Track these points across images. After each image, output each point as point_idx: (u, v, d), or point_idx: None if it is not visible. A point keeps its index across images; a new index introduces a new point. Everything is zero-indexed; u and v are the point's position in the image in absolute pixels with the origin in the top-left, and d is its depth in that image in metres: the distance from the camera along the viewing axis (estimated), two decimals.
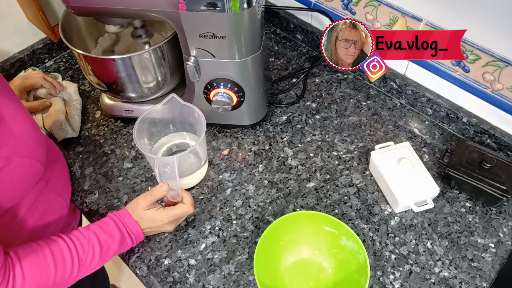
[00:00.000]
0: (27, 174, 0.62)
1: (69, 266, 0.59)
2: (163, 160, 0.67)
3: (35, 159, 0.63)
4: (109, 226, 0.65)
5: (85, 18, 0.88)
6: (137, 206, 0.68)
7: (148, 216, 0.68)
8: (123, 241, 0.66)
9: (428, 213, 0.79)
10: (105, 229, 0.64)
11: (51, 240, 0.59)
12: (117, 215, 0.67)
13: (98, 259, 0.62)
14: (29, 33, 1.05)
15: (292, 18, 1.09)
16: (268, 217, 0.79)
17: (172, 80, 0.88)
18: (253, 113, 0.89)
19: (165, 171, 0.67)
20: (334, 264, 0.72)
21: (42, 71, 0.95)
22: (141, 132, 0.76)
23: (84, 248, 0.61)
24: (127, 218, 0.67)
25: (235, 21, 0.69)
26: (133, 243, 0.68)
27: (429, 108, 0.93)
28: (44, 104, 0.90)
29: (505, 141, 0.83)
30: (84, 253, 0.61)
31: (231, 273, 0.72)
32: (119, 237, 0.65)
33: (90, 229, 0.64)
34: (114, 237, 0.64)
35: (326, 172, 0.85)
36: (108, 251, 0.64)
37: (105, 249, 0.63)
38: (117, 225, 0.66)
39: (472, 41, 0.78)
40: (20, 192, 0.63)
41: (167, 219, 0.68)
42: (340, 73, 1.04)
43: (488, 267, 0.72)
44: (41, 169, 0.65)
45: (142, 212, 0.68)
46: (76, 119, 0.92)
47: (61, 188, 0.76)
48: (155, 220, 0.68)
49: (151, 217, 0.68)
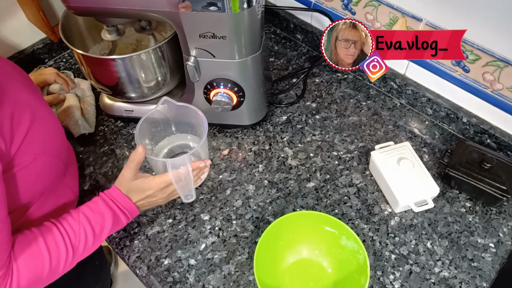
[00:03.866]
0: (50, 172, 0.64)
1: (63, 252, 0.58)
2: (174, 162, 0.66)
3: (59, 158, 0.65)
4: (98, 206, 0.64)
5: (85, 18, 0.88)
6: (122, 178, 0.66)
7: (137, 186, 0.66)
8: (116, 218, 0.64)
9: (428, 213, 0.79)
10: (95, 209, 0.63)
11: (44, 227, 0.59)
12: (106, 193, 0.66)
13: (92, 240, 0.62)
14: (29, 33, 1.05)
15: (292, 18, 1.09)
16: (268, 217, 0.79)
17: (172, 80, 0.88)
18: (253, 113, 0.89)
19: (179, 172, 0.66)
20: (334, 264, 0.72)
21: (54, 68, 0.96)
22: (142, 135, 0.76)
23: (75, 231, 0.60)
24: (116, 193, 0.65)
25: (235, 21, 0.69)
26: (129, 219, 0.67)
27: (429, 108, 0.93)
28: (58, 98, 0.90)
29: (505, 141, 0.83)
30: (76, 237, 0.60)
31: (231, 273, 0.72)
32: (111, 216, 0.64)
33: (80, 211, 0.62)
34: (106, 217, 0.63)
35: (326, 172, 0.85)
36: (101, 231, 0.63)
37: (97, 230, 0.62)
38: (107, 203, 0.64)
39: (472, 41, 0.78)
40: (40, 188, 0.64)
41: (156, 187, 0.66)
42: (340, 73, 1.04)
43: (488, 267, 0.72)
44: (62, 168, 0.67)
45: (130, 183, 0.66)
46: (91, 115, 0.93)
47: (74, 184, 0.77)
48: (145, 189, 0.66)
49: (140, 187, 0.66)
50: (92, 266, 0.95)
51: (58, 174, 0.67)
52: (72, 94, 0.92)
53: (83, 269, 0.87)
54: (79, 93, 0.95)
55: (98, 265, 0.99)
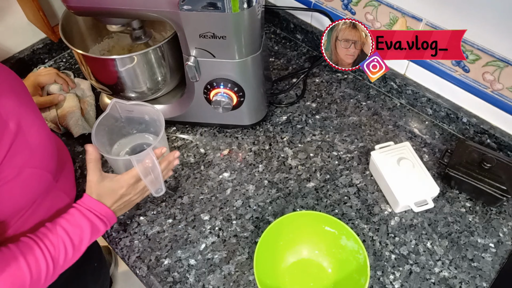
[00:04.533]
0: (36, 184, 0.62)
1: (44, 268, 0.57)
2: (138, 158, 0.65)
3: (46, 170, 0.62)
4: (75, 217, 0.62)
5: (85, 18, 0.88)
6: (90, 184, 0.65)
7: (107, 187, 0.64)
8: (94, 228, 0.63)
9: (428, 213, 0.79)
10: (72, 221, 0.62)
11: (23, 244, 0.57)
12: (80, 202, 0.64)
13: (72, 252, 0.61)
14: (29, 33, 1.05)
15: (292, 18, 1.09)
16: (268, 217, 0.79)
17: (172, 80, 0.88)
18: (253, 113, 0.89)
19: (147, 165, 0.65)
20: (334, 264, 0.72)
21: (54, 68, 0.96)
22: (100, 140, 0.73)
23: (55, 246, 0.59)
24: (89, 201, 0.64)
25: (235, 21, 0.69)
26: (107, 226, 0.65)
27: (429, 108, 0.93)
28: (58, 98, 0.90)
29: (505, 141, 0.83)
30: (56, 251, 0.59)
31: (231, 273, 0.72)
32: (89, 226, 0.62)
33: (57, 224, 0.61)
34: (83, 228, 0.62)
35: (326, 172, 0.85)
36: (81, 242, 0.62)
37: (76, 241, 0.61)
38: (83, 213, 0.63)
39: (472, 41, 0.78)
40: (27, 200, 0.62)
41: (127, 183, 0.65)
42: (340, 73, 1.04)
43: (488, 267, 0.72)
44: (50, 179, 0.65)
45: (98, 187, 0.64)
46: (91, 115, 0.93)
47: (69, 188, 0.76)
48: (115, 189, 0.65)
49: (110, 188, 0.65)
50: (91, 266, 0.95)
51: (46, 185, 0.65)
52: (72, 94, 0.92)
53: (82, 270, 0.86)
54: (79, 93, 0.95)
55: (97, 265, 0.99)
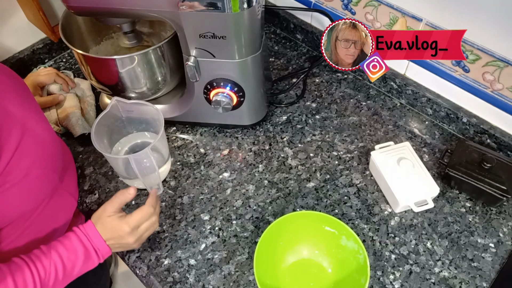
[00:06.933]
0: (43, 185, 0.62)
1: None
2: (136, 156, 0.65)
3: (52, 170, 0.63)
4: (72, 242, 0.61)
5: (85, 18, 0.88)
6: (102, 212, 0.64)
7: (110, 223, 0.63)
8: (88, 256, 0.62)
9: (428, 213, 0.79)
10: (68, 246, 0.60)
11: (14, 265, 0.56)
12: (81, 228, 0.63)
13: (62, 276, 0.59)
14: (29, 33, 1.05)
15: (292, 18, 1.09)
16: (268, 217, 0.79)
17: (172, 80, 0.88)
18: (253, 113, 0.89)
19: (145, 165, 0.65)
20: (334, 264, 0.72)
21: (54, 68, 0.96)
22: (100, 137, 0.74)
23: (46, 269, 0.57)
24: (91, 230, 0.63)
25: (235, 21, 0.69)
26: (100, 259, 0.64)
27: (429, 108, 0.93)
28: (58, 98, 0.90)
29: (505, 141, 0.83)
30: (46, 275, 0.57)
31: (231, 273, 0.72)
32: (83, 252, 0.61)
33: (52, 248, 0.60)
34: (78, 253, 0.61)
35: (326, 172, 0.85)
36: (73, 268, 0.60)
37: (69, 266, 0.60)
38: (81, 240, 0.61)
39: (472, 41, 0.78)
40: (34, 201, 0.62)
41: (128, 227, 0.63)
42: (340, 73, 1.04)
43: (488, 267, 0.72)
44: (56, 180, 0.65)
45: (105, 219, 0.63)
46: (91, 115, 0.93)
47: (73, 188, 0.76)
48: (117, 229, 0.63)
49: (113, 225, 0.63)
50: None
51: (53, 186, 0.65)
52: (72, 94, 0.92)
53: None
54: (79, 93, 0.95)
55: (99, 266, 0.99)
